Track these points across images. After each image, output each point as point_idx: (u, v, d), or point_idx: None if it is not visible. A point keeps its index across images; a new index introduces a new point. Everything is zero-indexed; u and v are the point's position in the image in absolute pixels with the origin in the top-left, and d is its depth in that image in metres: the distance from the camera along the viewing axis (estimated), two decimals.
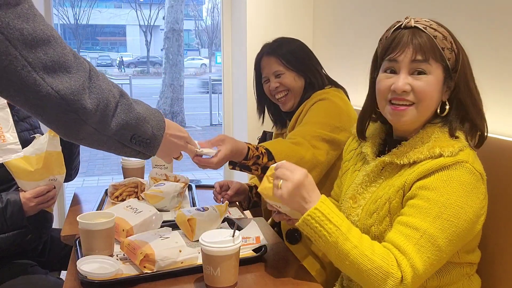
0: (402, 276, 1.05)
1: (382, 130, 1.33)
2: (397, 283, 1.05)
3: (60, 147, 1.67)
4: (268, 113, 1.98)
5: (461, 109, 1.19)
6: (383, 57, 1.20)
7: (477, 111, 1.19)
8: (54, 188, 1.69)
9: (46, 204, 1.70)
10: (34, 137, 1.84)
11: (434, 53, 1.14)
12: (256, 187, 1.82)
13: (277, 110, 1.93)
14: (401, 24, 1.18)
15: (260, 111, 1.98)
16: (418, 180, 1.13)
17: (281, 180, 1.13)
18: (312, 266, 1.68)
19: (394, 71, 1.18)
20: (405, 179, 1.16)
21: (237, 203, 1.85)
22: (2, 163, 1.64)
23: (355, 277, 1.10)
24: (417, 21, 1.17)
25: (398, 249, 1.08)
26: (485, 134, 1.21)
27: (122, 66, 26.15)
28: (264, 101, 1.95)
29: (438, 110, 1.19)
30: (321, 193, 1.16)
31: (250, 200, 1.87)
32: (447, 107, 1.19)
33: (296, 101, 1.81)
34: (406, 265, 1.06)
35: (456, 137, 1.16)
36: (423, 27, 1.15)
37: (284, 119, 1.92)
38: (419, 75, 1.15)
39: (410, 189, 1.14)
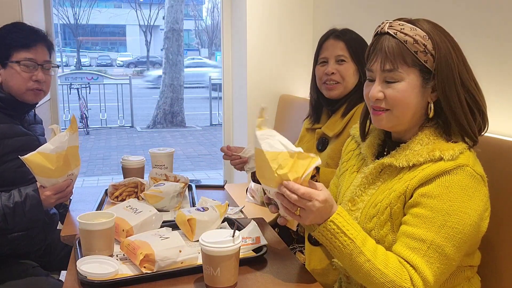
0: None
1: (382, 132, 1.33)
2: None
3: (78, 141, 1.68)
4: (310, 102, 1.89)
5: (448, 111, 1.16)
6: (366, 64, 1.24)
7: (454, 116, 1.14)
8: (71, 181, 1.71)
9: (65, 199, 1.72)
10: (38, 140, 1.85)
11: (404, 58, 1.14)
12: None
13: (318, 101, 1.86)
14: (379, 30, 1.19)
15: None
16: (419, 186, 1.12)
17: (299, 208, 1.10)
18: (319, 267, 1.65)
19: (372, 79, 1.21)
20: (406, 184, 1.14)
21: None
22: (21, 162, 1.66)
23: (369, 287, 1.11)
24: (391, 25, 1.16)
25: (408, 262, 1.08)
26: (475, 138, 1.17)
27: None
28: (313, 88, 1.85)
29: (431, 112, 1.18)
30: None
31: None
32: (432, 109, 1.17)
33: (344, 92, 1.75)
34: (417, 279, 1.06)
35: (455, 140, 1.15)
36: (394, 33, 1.15)
37: (320, 112, 1.86)
38: (390, 83, 1.16)
39: (412, 195, 1.13)
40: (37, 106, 1.93)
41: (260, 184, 1.80)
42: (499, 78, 1.57)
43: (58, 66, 1.94)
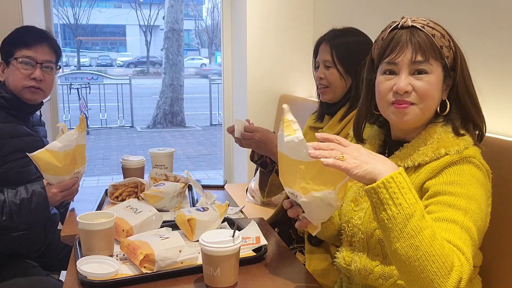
0: (462, 271, 0.94)
1: (382, 132, 1.32)
2: (458, 278, 0.93)
3: (86, 140, 1.70)
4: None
5: (460, 107, 1.18)
6: (381, 59, 1.18)
7: (475, 109, 1.18)
8: (77, 179, 1.73)
9: (70, 196, 1.74)
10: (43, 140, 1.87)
11: (434, 51, 1.13)
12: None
13: (320, 102, 1.87)
14: (398, 24, 1.16)
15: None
16: (427, 180, 1.11)
17: (339, 153, 1.00)
18: (319, 267, 1.65)
19: (393, 73, 1.16)
20: (412, 181, 1.13)
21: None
22: (24, 163, 1.69)
23: (413, 263, 0.93)
24: (414, 20, 1.15)
25: (450, 243, 0.97)
26: (484, 131, 1.20)
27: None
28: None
29: (438, 109, 1.18)
30: None
31: (262, 156, 1.81)
32: (448, 105, 1.18)
33: (335, 96, 1.75)
34: (463, 258, 0.95)
35: (462, 135, 1.15)
36: (421, 26, 1.14)
37: (324, 112, 1.86)
38: (420, 74, 1.13)
39: (421, 189, 1.12)
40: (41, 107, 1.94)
41: (257, 163, 1.83)
42: (500, 77, 1.57)
43: (59, 67, 1.94)
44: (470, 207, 1.04)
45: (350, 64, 1.69)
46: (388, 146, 1.28)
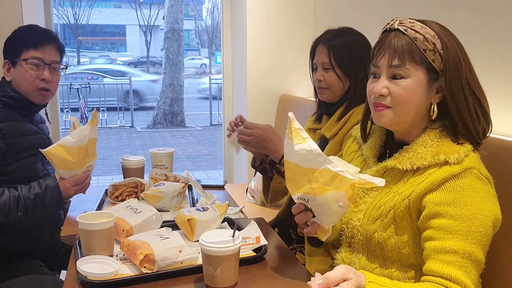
0: None
1: (383, 133, 1.32)
2: None
3: (97, 134, 1.73)
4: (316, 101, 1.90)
5: (454, 112, 1.15)
6: (371, 61, 1.21)
7: (459, 116, 1.14)
8: (89, 172, 1.76)
9: (83, 190, 1.76)
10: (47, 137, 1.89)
11: (412, 55, 1.13)
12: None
13: (319, 102, 1.87)
14: (388, 27, 1.18)
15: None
16: (428, 192, 1.11)
17: None
18: (319, 269, 1.65)
19: (378, 75, 1.19)
20: (412, 188, 1.14)
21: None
22: (33, 161, 1.71)
23: None
24: (401, 22, 1.15)
25: (450, 279, 1.03)
26: (478, 138, 1.17)
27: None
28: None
29: (433, 115, 1.17)
30: None
31: (262, 162, 1.79)
32: (436, 110, 1.16)
33: (334, 96, 1.75)
34: None
35: (461, 142, 1.14)
36: (404, 29, 1.14)
37: (322, 112, 1.86)
38: (397, 79, 1.15)
39: (421, 201, 1.12)
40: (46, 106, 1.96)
41: (257, 169, 1.82)
42: (499, 78, 1.57)
43: (66, 67, 1.96)
44: (471, 228, 1.05)
45: (349, 65, 1.69)
46: (390, 147, 1.28)
